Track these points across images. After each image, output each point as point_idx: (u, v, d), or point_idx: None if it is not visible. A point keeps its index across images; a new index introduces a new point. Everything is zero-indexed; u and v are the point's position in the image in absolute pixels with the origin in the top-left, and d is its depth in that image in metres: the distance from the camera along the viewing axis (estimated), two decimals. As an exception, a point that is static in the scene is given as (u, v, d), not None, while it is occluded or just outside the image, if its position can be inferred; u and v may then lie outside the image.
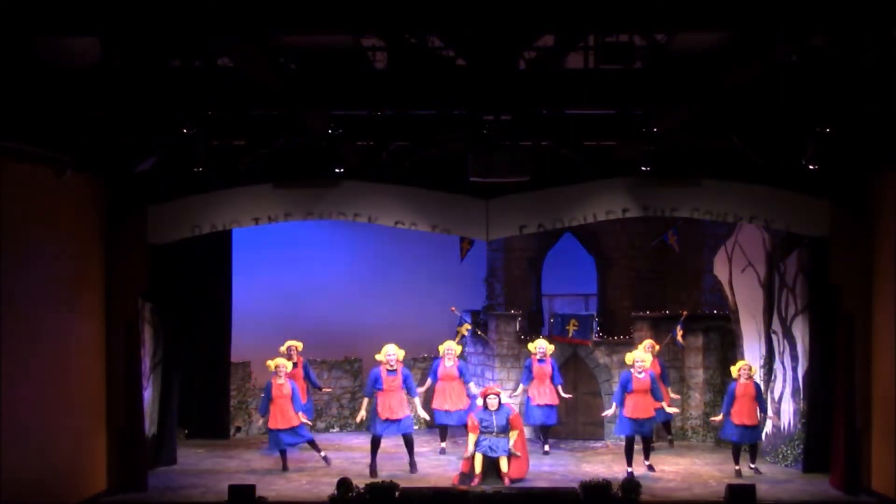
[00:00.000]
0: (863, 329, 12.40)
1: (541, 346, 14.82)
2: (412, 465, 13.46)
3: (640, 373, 13.31)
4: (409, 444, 13.54)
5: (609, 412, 13.91)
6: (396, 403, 13.37)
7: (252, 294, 16.55)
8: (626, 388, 13.34)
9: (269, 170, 12.66)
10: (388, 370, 13.41)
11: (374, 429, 13.44)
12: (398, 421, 13.35)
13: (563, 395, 14.94)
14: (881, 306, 12.14)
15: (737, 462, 13.28)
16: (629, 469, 13.14)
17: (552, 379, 14.81)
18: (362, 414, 13.86)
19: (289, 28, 7.80)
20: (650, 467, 13.45)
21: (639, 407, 13.25)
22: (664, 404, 13.63)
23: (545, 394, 14.72)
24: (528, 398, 14.82)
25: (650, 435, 13.69)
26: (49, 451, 11.06)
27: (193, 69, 9.31)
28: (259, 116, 11.09)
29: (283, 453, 13.67)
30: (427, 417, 14.50)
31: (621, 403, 13.39)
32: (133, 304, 12.68)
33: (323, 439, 15.88)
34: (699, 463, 14.17)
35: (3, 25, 7.63)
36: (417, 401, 13.90)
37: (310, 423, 14.35)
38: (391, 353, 13.47)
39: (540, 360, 14.80)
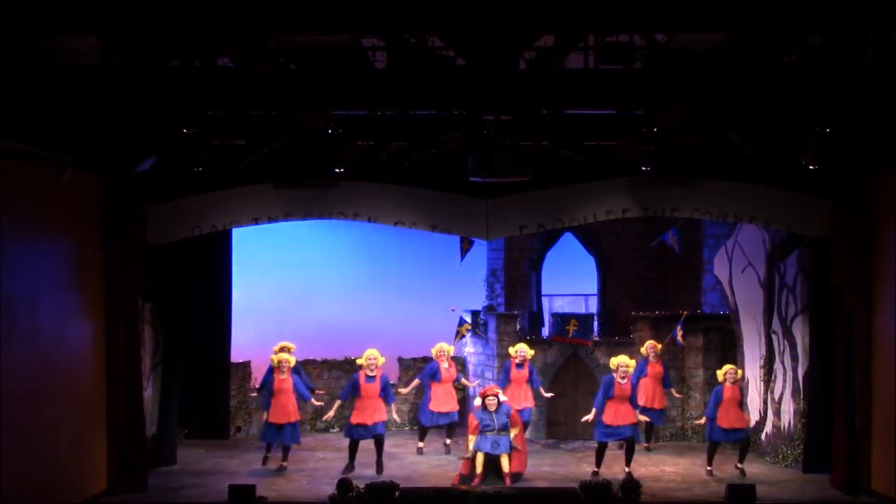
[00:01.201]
0: (863, 329, 12.39)
1: (521, 351, 14.75)
2: (379, 466, 13.36)
3: (622, 378, 13.13)
4: (378, 445, 13.47)
5: (589, 417, 13.44)
6: (372, 410, 13.35)
7: (252, 294, 16.55)
8: (607, 393, 13.14)
9: (269, 170, 12.66)
10: (367, 376, 13.42)
11: (346, 432, 13.55)
12: (371, 426, 13.33)
13: (545, 394, 14.95)
14: (881, 306, 12.13)
15: (710, 462, 13.27)
16: (595, 469, 13.09)
17: (530, 383, 14.78)
18: (330, 414, 13.98)
19: (289, 28, 7.81)
20: (629, 474, 12.93)
21: (619, 414, 13.06)
22: (638, 414, 13.37)
23: (520, 397, 14.57)
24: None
25: (630, 438, 13.26)
26: (49, 451, 11.04)
27: (193, 69, 9.31)
28: (259, 116, 11.10)
29: (268, 447, 13.68)
30: (398, 420, 14.53)
31: (602, 407, 13.19)
32: (133, 304, 12.68)
33: (323, 440, 15.92)
34: (699, 463, 14.14)
35: (3, 25, 7.63)
36: (394, 407, 13.89)
37: (318, 403, 14.33)
38: (372, 359, 13.45)
39: (518, 365, 14.73)
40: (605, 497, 11.12)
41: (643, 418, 13.82)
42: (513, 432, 12.75)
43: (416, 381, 15.08)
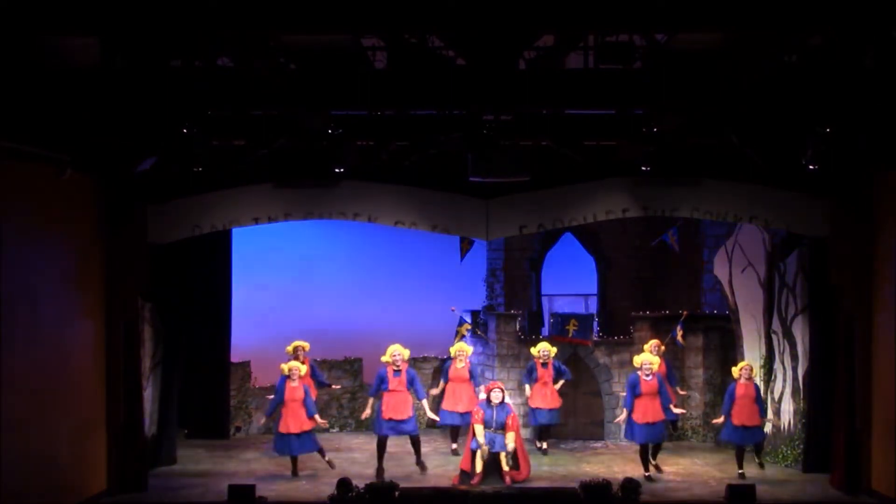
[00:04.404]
0: (863, 329, 12.39)
1: (544, 350, 14.77)
2: (421, 466, 13.36)
3: (647, 375, 13.14)
4: (415, 445, 13.46)
5: (621, 418, 13.52)
6: (401, 404, 13.26)
7: (252, 294, 16.55)
8: (634, 391, 13.16)
9: (269, 170, 12.66)
10: (394, 371, 13.32)
11: (378, 429, 13.34)
12: (402, 422, 13.24)
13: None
14: (881, 306, 12.13)
15: (740, 465, 13.18)
16: (646, 473, 13.00)
17: (560, 377, 14.81)
18: (367, 412, 13.69)
19: (289, 28, 7.82)
20: (657, 468, 13.21)
21: (648, 411, 13.05)
22: (672, 406, 13.52)
23: (547, 396, 14.70)
24: (530, 402, 14.81)
25: (662, 439, 13.50)
26: (49, 451, 11.05)
27: (193, 69, 9.31)
28: (259, 116, 11.10)
29: (293, 459, 13.52)
30: (436, 419, 14.29)
31: (631, 407, 13.20)
32: (133, 304, 12.68)
33: (323, 439, 15.85)
34: (699, 463, 14.16)
35: (3, 25, 7.64)
36: (425, 402, 13.73)
37: (326, 423, 14.21)
38: (397, 354, 13.36)
39: (543, 364, 14.79)
40: (605, 497, 11.13)
41: (679, 410, 13.96)
42: (509, 437, 12.62)
43: (441, 384, 14.86)
